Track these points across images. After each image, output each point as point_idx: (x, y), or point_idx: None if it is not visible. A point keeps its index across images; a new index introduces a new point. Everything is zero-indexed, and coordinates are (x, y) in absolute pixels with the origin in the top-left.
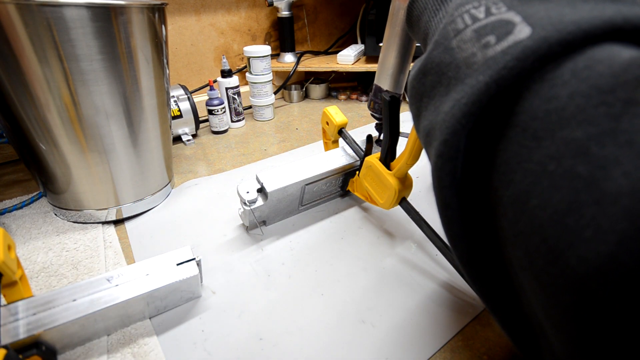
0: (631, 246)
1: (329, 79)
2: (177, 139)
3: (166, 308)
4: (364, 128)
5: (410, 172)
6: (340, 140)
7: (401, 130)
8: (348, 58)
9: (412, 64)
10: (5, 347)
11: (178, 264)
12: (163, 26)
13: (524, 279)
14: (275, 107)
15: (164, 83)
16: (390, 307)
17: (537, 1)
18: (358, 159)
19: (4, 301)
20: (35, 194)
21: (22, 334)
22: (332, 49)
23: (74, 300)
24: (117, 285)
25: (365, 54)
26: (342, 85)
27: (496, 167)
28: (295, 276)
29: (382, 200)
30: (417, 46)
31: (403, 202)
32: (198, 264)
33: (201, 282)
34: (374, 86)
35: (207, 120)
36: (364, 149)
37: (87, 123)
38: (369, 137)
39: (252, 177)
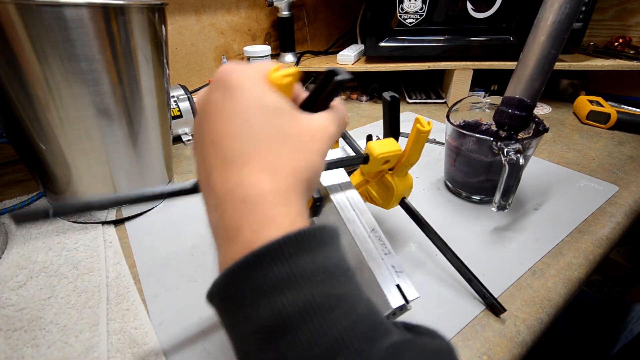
0: None
1: None
2: (177, 139)
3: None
4: (364, 128)
5: (410, 172)
6: (340, 140)
7: (401, 130)
8: (348, 58)
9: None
10: None
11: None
12: (163, 26)
13: None
14: None
15: (164, 83)
16: None
17: None
18: None
19: None
20: (35, 194)
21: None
22: (332, 49)
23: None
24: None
25: (365, 54)
26: None
27: None
28: None
29: (382, 200)
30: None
31: (403, 202)
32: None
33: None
34: (504, 98)
35: None
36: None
37: (87, 123)
38: (369, 137)
39: None
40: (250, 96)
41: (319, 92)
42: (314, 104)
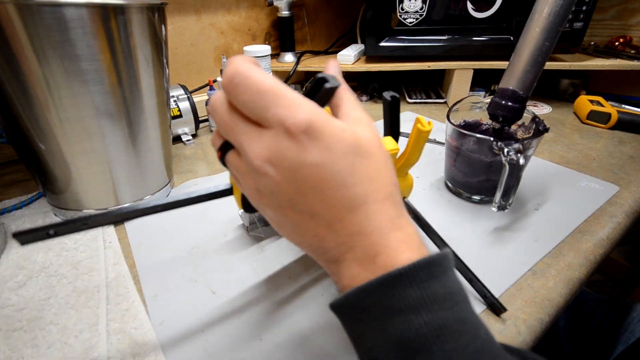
0: None
1: None
2: (177, 138)
3: None
4: None
5: (410, 172)
6: None
7: (401, 130)
8: (348, 58)
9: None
10: None
11: None
12: (163, 26)
13: None
14: None
15: (163, 83)
16: None
17: None
18: None
19: None
20: (34, 194)
21: None
22: (332, 49)
23: None
24: None
25: (365, 53)
26: None
27: None
28: (295, 276)
29: None
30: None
31: (403, 202)
32: None
33: None
34: (498, 90)
35: (207, 120)
36: None
37: (87, 123)
38: None
39: None
40: (338, 138)
41: None
42: None
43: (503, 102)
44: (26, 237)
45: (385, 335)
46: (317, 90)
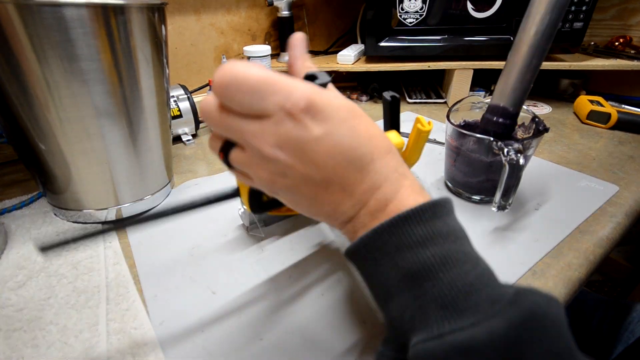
0: None
1: None
2: (177, 138)
3: None
4: None
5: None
6: None
7: (401, 130)
8: (348, 58)
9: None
10: None
11: None
12: (163, 26)
13: None
14: None
15: (163, 83)
16: None
17: None
18: None
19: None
20: (34, 194)
21: None
22: (332, 49)
23: None
24: None
25: (365, 53)
26: (342, 85)
27: None
28: (295, 276)
29: None
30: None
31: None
32: None
33: None
34: (489, 106)
35: None
36: None
37: (87, 123)
38: None
39: None
40: (335, 106)
41: None
42: None
43: (494, 118)
44: (50, 250)
45: (397, 268)
46: None
